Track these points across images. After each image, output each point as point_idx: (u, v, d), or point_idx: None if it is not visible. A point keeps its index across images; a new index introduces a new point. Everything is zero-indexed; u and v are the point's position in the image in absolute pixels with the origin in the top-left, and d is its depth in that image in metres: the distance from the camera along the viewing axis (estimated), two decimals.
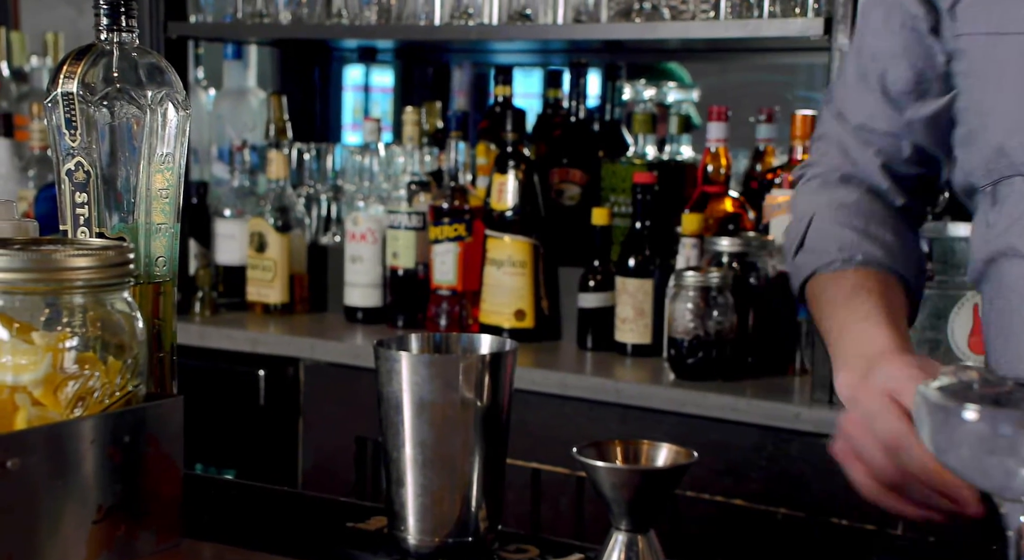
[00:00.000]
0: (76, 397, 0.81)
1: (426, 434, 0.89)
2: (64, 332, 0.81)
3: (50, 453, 0.79)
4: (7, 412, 0.80)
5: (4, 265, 0.79)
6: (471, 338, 0.96)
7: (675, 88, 2.27)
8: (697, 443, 1.06)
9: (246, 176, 2.36)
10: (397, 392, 0.89)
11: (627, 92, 2.26)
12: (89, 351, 0.82)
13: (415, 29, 2.09)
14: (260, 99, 2.51)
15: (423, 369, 0.88)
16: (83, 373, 0.81)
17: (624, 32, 1.92)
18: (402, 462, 0.90)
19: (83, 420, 0.81)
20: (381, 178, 2.25)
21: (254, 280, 2.26)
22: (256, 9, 2.23)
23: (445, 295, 2.09)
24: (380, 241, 2.18)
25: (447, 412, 0.89)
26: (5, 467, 0.76)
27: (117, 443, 0.83)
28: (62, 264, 0.80)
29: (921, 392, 0.68)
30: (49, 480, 0.79)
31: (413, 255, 2.13)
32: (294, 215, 2.26)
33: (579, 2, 1.97)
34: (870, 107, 1.11)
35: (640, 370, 1.87)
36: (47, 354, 0.80)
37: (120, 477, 0.83)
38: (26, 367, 0.79)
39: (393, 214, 2.15)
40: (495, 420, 0.90)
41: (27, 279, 0.79)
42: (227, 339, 2.13)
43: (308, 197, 2.36)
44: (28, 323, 0.80)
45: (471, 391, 0.89)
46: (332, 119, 2.83)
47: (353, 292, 2.20)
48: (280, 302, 2.24)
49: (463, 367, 0.89)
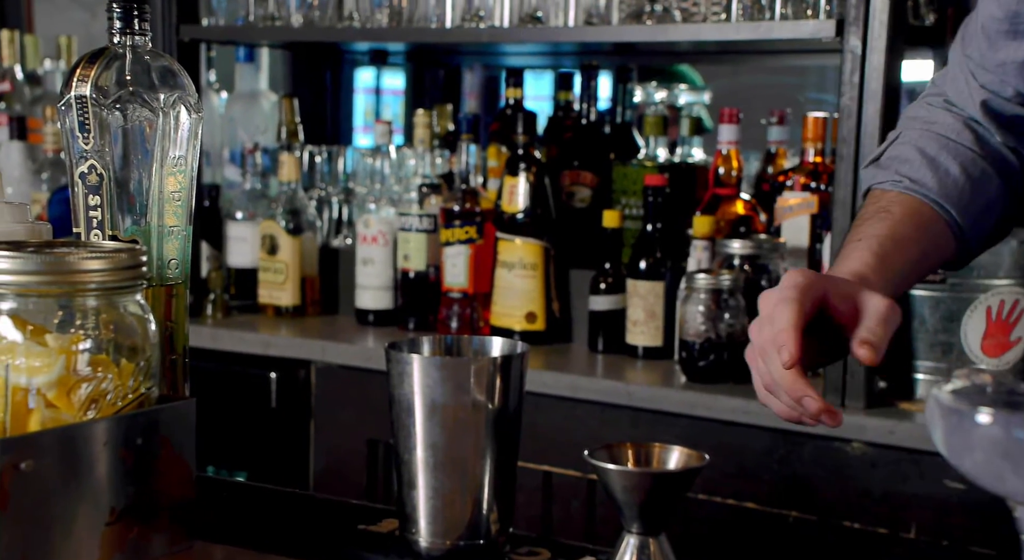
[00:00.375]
0: (89, 399, 0.81)
1: (437, 436, 0.89)
2: (77, 334, 0.81)
3: (63, 455, 0.79)
4: (21, 414, 0.80)
5: (18, 268, 0.79)
6: (482, 341, 0.96)
7: (686, 90, 2.27)
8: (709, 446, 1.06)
9: (258, 179, 2.37)
10: (409, 395, 0.89)
11: (638, 94, 2.26)
12: (102, 353, 0.82)
13: (426, 32, 2.09)
14: (272, 102, 2.52)
15: (434, 372, 0.88)
16: (96, 375, 0.81)
17: (635, 34, 1.92)
18: (414, 464, 0.90)
19: (96, 422, 0.81)
20: (392, 181, 2.25)
21: (266, 283, 2.26)
22: (268, 12, 2.23)
23: (456, 297, 2.09)
24: (391, 243, 2.18)
25: (458, 415, 0.89)
26: (19, 469, 0.77)
27: (130, 445, 0.83)
28: (75, 267, 0.80)
29: (934, 395, 0.68)
30: (62, 482, 0.79)
31: (424, 257, 2.14)
32: (305, 218, 2.26)
33: (590, 4, 1.97)
34: (977, 41, 1.11)
35: (651, 373, 1.87)
36: (60, 356, 0.80)
37: (132, 479, 0.84)
38: (40, 369, 0.80)
39: (404, 217, 2.15)
40: (506, 423, 0.90)
41: (41, 282, 0.80)
42: (239, 341, 2.14)
43: (320, 200, 2.37)
44: (42, 326, 0.81)
45: (482, 394, 0.89)
46: (343, 122, 2.83)
47: (364, 294, 2.20)
48: (292, 304, 2.25)
49: (474, 370, 0.89)
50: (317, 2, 2.19)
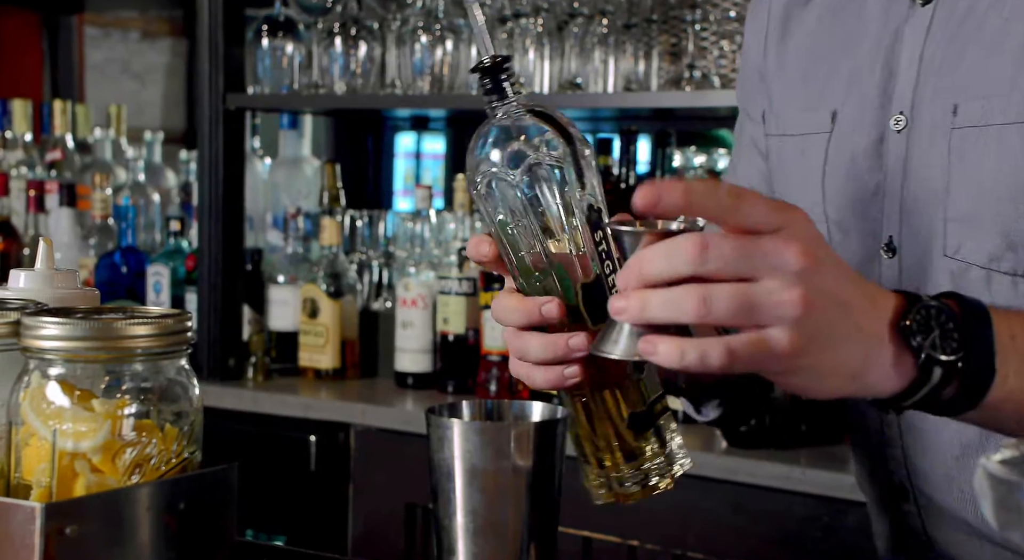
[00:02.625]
0: (134, 464, 0.82)
1: (477, 502, 0.89)
2: (123, 399, 0.82)
3: (108, 520, 0.80)
4: (67, 478, 0.81)
5: (67, 334, 0.81)
6: (522, 405, 0.96)
7: (725, 155, 2.28)
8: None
9: (299, 243, 2.40)
10: (448, 459, 0.89)
11: (677, 159, 2.27)
12: (147, 418, 0.83)
13: (466, 98, 2.12)
14: (314, 167, 2.56)
15: (475, 436, 0.88)
16: (141, 440, 0.82)
17: (674, 100, 1.94)
18: (453, 530, 0.89)
19: (140, 487, 0.82)
20: (432, 244, 2.27)
21: (306, 346, 2.28)
22: (311, 80, 2.28)
23: (495, 361, 2.09)
24: (431, 307, 2.19)
25: (499, 480, 0.88)
26: (64, 534, 0.77)
27: (172, 510, 0.83)
28: (122, 333, 0.82)
29: (983, 465, 0.67)
30: (106, 547, 0.80)
31: (463, 321, 2.14)
32: (346, 281, 2.28)
33: (629, 70, 2.00)
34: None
35: (692, 437, 1.85)
36: (107, 421, 0.81)
37: (175, 544, 0.84)
38: (86, 434, 0.80)
39: (444, 280, 2.16)
40: (547, 487, 0.90)
41: (88, 347, 0.81)
42: (280, 404, 2.15)
43: (360, 263, 2.39)
44: (88, 391, 0.82)
45: (523, 459, 0.88)
46: (384, 186, 2.87)
47: (404, 357, 2.21)
48: (332, 367, 2.26)
49: (515, 435, 0.88)
50: (360, 70, 2.23)
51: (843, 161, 0.98)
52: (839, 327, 0.70)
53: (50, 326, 0.81)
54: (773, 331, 0.68)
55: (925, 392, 0.75)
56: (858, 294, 0.73)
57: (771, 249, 0.68)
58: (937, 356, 0.74)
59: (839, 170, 0.99)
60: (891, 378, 0.74)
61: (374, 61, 2.23)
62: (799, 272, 0.68)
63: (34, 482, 0.81)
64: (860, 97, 0.98)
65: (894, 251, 0.95)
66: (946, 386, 0.75)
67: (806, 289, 0.68)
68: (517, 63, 2.11)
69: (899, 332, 0.74)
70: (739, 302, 0.67)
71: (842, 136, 0.99)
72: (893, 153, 0.95)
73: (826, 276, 0.70)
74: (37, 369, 0.82)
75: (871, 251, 0.97)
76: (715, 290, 0.67)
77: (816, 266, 0.68)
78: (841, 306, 0.70)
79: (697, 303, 0.67)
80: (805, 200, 0.99)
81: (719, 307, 0.67)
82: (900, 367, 0.74)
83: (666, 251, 0.68)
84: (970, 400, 0.76)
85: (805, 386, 0.73)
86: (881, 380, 0.74)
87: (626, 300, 0.70)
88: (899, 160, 0.95)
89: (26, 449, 0.81)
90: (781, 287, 0.67)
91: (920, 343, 0.73)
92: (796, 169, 1.03)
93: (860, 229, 0.98)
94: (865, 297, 0.73)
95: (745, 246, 0.67)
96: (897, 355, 0.74)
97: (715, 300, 0.67)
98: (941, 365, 0.74)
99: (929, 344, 0.74)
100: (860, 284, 0.74)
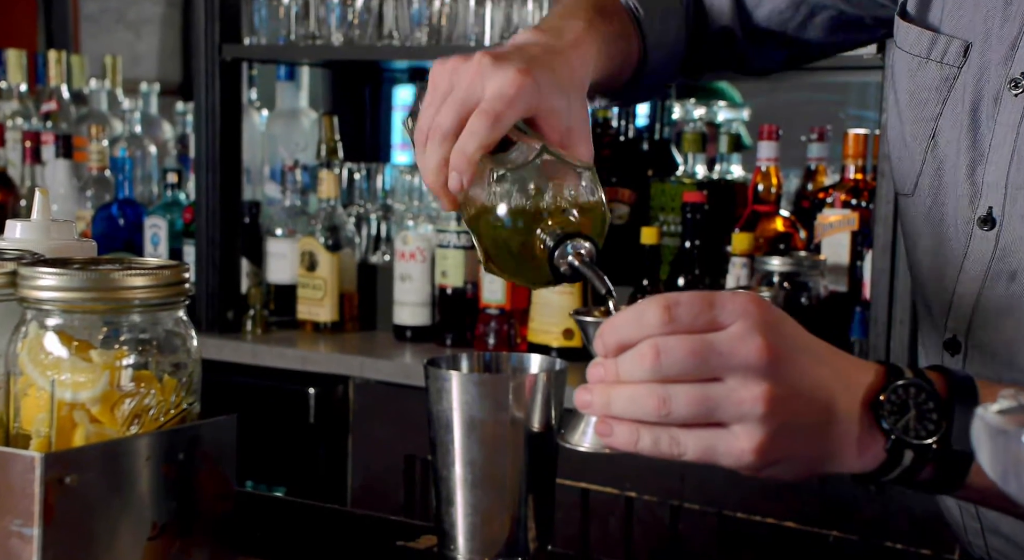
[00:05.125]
0: (132, 414, 0.82)
1: (476, 453, 0.89)
2: (121, 350, 0.82)
3: (107, 470, 0.80)
4: (66, 429, 0.81)
5: (64, 285, 0.81)
6: (520, 357, 0.96)
7: (725, 107, 2.26)
8: None
9: (297, 196, 2.39)
10: (447, 411, 0.89)
11: (676, 111, 2.26)
12: (145, 369, 0.83)
13: (465, 49, 2.10)
14: (312, 120, 2.54)
15: (473, 388, 0.89)
16: (139, 391, 0.82)
17: None
18: (452, 481, 0.90)
19: (139, 437, 0.82)
20: (430, 197, 2.26)
21: (304, 299, 2.28)
22: (308, 31, 2.26)
23: (494, 314, 2.09)
24: (429, 260, 2.19)
25: (497, 431, 0.89)
26: (64, 483, 0.78)
27: (171, 460, 0.84)
28: (120, 283, 0.81)
29: (980, 415, 0.67)
30: (106, 497, 0.80)
31: (462, 274, 2.14)
32: (344, 234, 2.28)
33: None
34: None
35: None
36: (104, 372, 0.81)
37: (174, 494, 0.84)
38: (84, 385, 0.81)
39: (442, 233, 2.16)
40: (545, 439, 0.90)
41: (86, 298, 0.81)
42: (278, 357, 2.15)
43: (358, 216, 2.38)
44: (86, 341, 0.82)
45: (521, 410, 0.89)
46: (382, 139, 2.85)
47: (402, 311, 2.21)
48: (330, 320, 2.26)
49: (513, 386, 0.89)
50: (357, 21, 2.21)
51: (966, 109, 0.92)
52: (806, 416, 0.68)
53: (47, 276, 0.81)
54: (736, 428, 0.67)
55: (898, 473, 0.71)
56: (829, 374, 0.70)
57: (727, 349, 0.67)
58: (908, 439, 0.70)
59: (952, 114, 0.92)
60: (862, 458, 0.71)
61: (371, 11, 2.21)
62: (761, 369, 0.66)
63: (33, 432, 0.81)
64: (991, 43, 0.91)
65: (992, 223, 0.89)
66: (921, 468, 0.71)
67: (771, 384, 0.66)
68: (513, 10, 2.09)
69: (871, 409, 0.70)
70: (699, 402, 0.67)
71: (968, 78, 0.92)
72: (1009, 112, 0.88)
73: (792, 366, 0.68)
74: (35, 319, 0.82)
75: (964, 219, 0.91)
76: (674, 391, 0.67)
77: (778, 359, 0.67)
78: (809, 393, 0.68)
79: (657, 403, 0.68)
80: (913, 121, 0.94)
81: (678, 407, 0.67)
82: (870, 448, 0.71)
83: (628, 359, 0.69)
84: (950, 483, 0.72)
85: (772, 474, 0.71)
86: (851, 459, 0.71)
87: (591, 395, 0.71)
88: (1012, 125, 0.88)
89: (25, 399, 0.82)
90: (742, 385, 0.66)
91: (892, 425, 0.70)
92: (909, 90, 0.97)
93: (954, 192, 0.91)
94: (837, 376, 0.70)
95: (700, 350, 0.67)
96: (868, 434, 0.70)
97: (674, 400, 0.67)
98: (912, 448, 0.70)
99: (902, 426, 0.70)
100: (831, 360, 0.71)
